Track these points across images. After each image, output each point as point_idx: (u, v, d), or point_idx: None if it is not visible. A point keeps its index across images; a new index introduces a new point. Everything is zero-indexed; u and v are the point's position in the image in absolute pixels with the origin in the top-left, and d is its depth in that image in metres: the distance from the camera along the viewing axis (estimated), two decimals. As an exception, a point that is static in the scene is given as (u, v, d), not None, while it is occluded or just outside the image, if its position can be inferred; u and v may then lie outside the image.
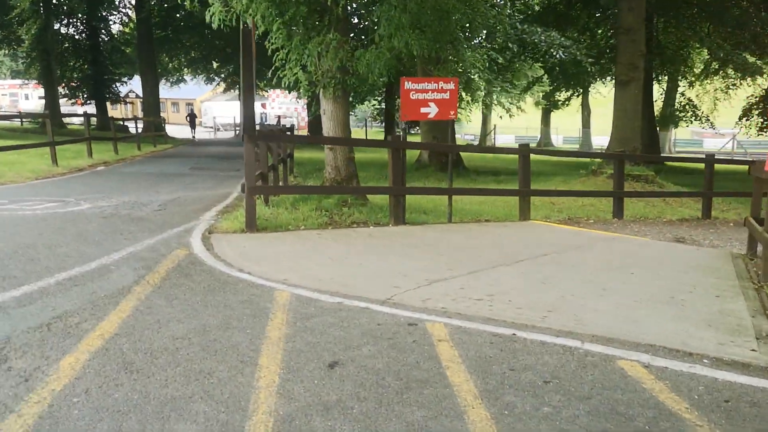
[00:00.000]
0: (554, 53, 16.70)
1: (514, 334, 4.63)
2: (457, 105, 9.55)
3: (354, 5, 9.94)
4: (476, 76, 13.16)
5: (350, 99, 11.63)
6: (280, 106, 55.19)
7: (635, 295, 5.83)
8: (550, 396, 3.62)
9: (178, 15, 39.33)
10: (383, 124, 46.44)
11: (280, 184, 12.12)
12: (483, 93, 17.04)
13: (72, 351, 4.07)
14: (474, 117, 51.01)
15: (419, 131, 45.14)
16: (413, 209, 10.37)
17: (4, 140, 20.41)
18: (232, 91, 57.21)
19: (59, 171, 15.07)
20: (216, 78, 53.11)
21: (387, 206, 9.96)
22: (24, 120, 36.48)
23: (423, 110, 9.12)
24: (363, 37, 10.40)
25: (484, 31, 11.85)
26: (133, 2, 39.28)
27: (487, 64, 13.74)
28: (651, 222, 11.44)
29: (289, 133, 17.71)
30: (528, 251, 7.78)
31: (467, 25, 9.94)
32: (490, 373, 3.93)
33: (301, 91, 10.34)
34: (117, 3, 40.71)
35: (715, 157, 13.30)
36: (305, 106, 50.67)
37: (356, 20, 11.25)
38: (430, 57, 10.53)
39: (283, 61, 10.33)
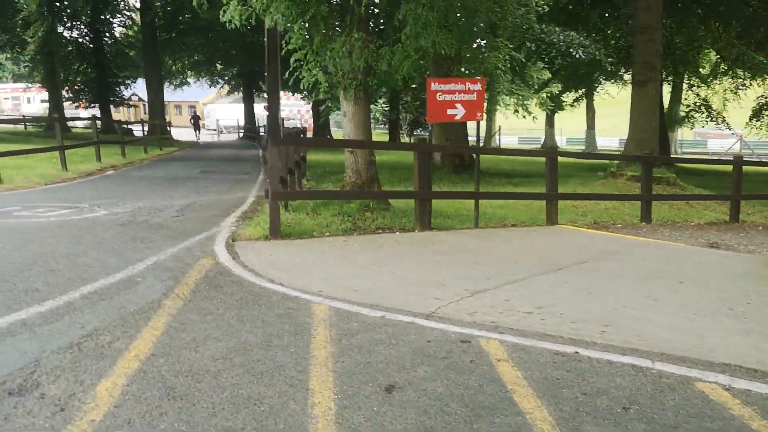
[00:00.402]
0: (573, 53, 16.43)
1: (576, 352, 4.33)
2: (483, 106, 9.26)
3: (375, 3, 9.61)
4: (500, 76, 12.85)
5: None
6: (283, 108, 54.96)
7: (690, 306, 5.53)
8: (634, 425, 3.31)
9: (181, 17, 39.16)
10: (386, 125, 46.23)
11: (297, 188, 11.82)
12: (504, 94, 16.68)
13: (108, 374, 3.77)
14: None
15: (425, 133, 44.78)
16: (435, 213, 10.06)
17: (10, 144, 20.12)
18: (236, 93, 57.07)
19: (69, 175, 14.78)
20: (220, 80, 52.88)
21: (410, 210, 9.70)
22: (27, 123, 36.17)
23: (450, 112, 8.83)
24: (384, 36, 10.05)
25: (500, 31, 11.45)
26: (138, 5, 39.00)
27: (508, 65, 13.49)
28: (679, 226, 11.14)
29: (302, 135, 17.40)
30: (564, 258, 7.48)
31: (496, 23, 9.64)
32: (561, 398, 3.62)
33: (321, 93, 10.05)
34: (121, 6, 40.43)
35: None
36: (309, 109, 50.45)
37: (377, 19, 10.91)
38: (453, 57, 10.24)
39: (301, 62, 10.06)
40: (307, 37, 9.56)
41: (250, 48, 38.75)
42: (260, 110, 54.43)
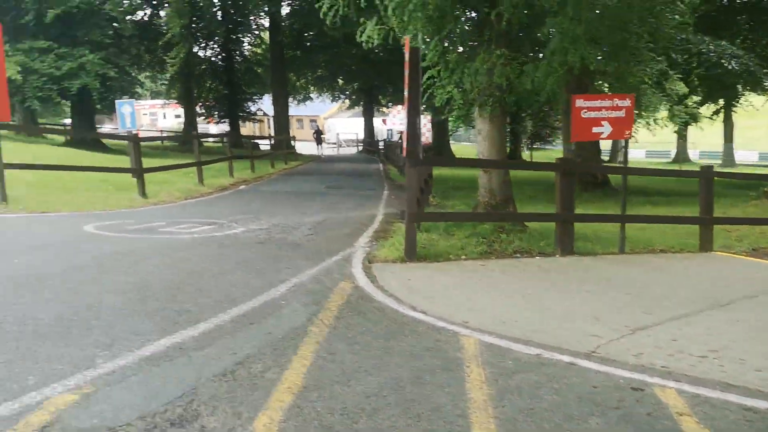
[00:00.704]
0: (725, 63, 15.26)
1: (772, 409, 3.80)
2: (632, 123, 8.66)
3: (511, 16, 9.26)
4: (645, 91, 12.10)
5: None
6: (401, 122, 55.38)
7: None
8: None
9: (306, 35, 40.45)
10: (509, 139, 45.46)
11: (424, 206, 11.65)
12: (650, 110, 15.72)
13: (263, 407, 3.66)
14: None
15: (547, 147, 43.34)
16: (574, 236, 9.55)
17: (152, 159, 21.33)
18: (355, 107, 58.23)
19: (205, 190, 15.41)
20: (341, 95, 54.13)
21: (547, 232, 9.26)
22: (164, 139, 38.44)
23: (595, 130, 8.32)
24: (522, 51, 9.68)
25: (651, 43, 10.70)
26: (267, 24, 40.68)
27: (654, 79, 12.67)
28: None
29: (427, 154, 17.25)
30: (729, 291, 6.79)
31: (648, 35, 9.02)
32: (766, 467, 3.15)
33: (455, 110, 9.82)
34: (252, 26, 42.33)
35: None
36: (427, 122, 50.57)
37: (515, 34, 10.54)
38: (594, 72, 9.72)
39: (434, 79, 9.90)
40: (442, 53, 9.37)
41: (372, 64, 39.43)
42: (379, 124, 55.18)
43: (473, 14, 9.68)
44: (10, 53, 22.83)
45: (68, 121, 42.05)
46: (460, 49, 10.03)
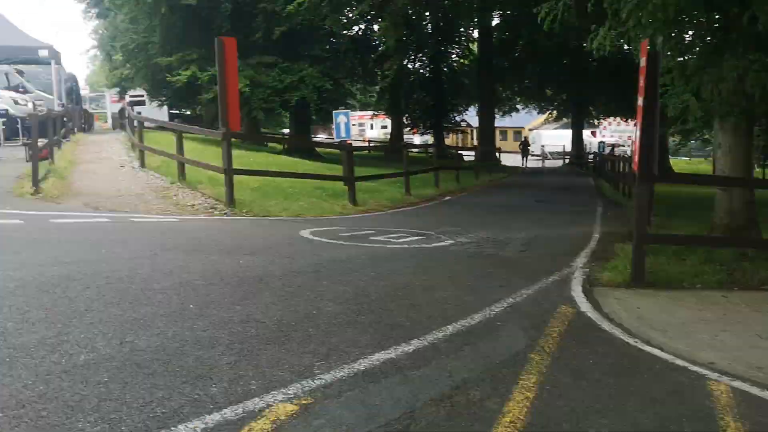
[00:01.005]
0: None
1: None
2: None
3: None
4: None
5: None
6: (612, 135, 52.55)
7: None
8: None
9: (515, 45, 39.91)
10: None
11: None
12: None
13: (485, 444, 3.34)
14: None
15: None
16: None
17: (360, 168, 22.03)
18: (562, 119, 56.37)
19: (412, 200, 15.56)
20: (549, 107, 52.72)
21: (801, 263, 7.95)
22: (371, 149, 39.96)
23: None
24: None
25: None
26: (476, 35, 40.75)
27: None
28: None
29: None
30: None
31: None
32: None
33: (691, 122, 8.83)
34: (462, 39, 42.66)
35: None
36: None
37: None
38: None
39: (667, 87, 8.98)
40: (677, 58, 8.48)
41: (583, 74, 37.88)
42: (587, 136, 52.91)
43: (716, 15, 8.61)
44: (241, 68, 24.96)
45: (286, 130, 45.34)
46: (697, 53, 9.02)
